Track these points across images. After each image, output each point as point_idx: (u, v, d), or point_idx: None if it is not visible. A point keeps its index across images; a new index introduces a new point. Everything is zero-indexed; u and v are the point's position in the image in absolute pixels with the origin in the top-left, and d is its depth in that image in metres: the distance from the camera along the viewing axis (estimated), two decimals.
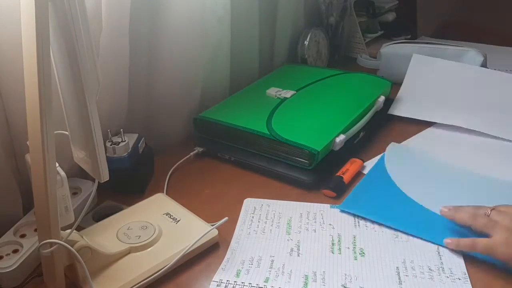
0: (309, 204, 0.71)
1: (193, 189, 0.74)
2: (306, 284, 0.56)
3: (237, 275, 0.58)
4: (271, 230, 0.66)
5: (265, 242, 0.64)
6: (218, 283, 0.56)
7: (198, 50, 0.83)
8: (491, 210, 0.59)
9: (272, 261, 0.60)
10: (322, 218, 0.67)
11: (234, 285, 0.56)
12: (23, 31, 0.43)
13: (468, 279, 0.56)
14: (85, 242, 0.54)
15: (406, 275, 0.57)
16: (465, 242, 0.59)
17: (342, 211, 0.68)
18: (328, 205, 0.70)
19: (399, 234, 0.64)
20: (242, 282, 0.56)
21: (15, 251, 0.57)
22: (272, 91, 0.89)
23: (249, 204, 0.71)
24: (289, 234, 0.65)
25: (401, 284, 0.56)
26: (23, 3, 0.42)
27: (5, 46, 0.57)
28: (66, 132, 0.55)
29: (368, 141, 0.86)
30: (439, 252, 0.60)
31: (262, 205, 0.71)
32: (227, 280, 0.57)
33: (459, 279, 0.56)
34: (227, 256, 0.61)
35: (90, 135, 0.48)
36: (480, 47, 1.06)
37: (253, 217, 0.68)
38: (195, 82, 0.86)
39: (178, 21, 0.77)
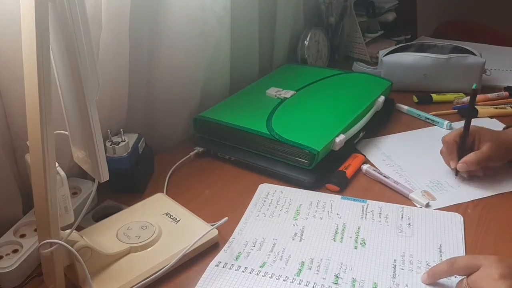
0: (321, 193, 0.72)
1: (193, 189, 0.74)
2: (300, 271, 0.57)
3: (237, 258, 0.59)
4: (279, 214, 0.67)
5: (272, 225, 0.65)
6: (216, 263, 0.58)
7: (198, 50, 0.83)
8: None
9: (274, 244, 0.62)
10: (331, 208, 0.69)
11: (231, 267, 0.58)
12: (23, 31, 0.43)
13: (465, 278, 0.56)
14: (85, 242, 0.54)
15: (402, 269, 0.57)
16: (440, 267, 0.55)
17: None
18: (340, 196, 0.71)
19: (404, 229, 0.64)
20: (239, 266, 0.58)
21: (15, 251, 0.57)
22: (272, 91, 0.89)
23: (264, 189, 0.73)
24: (296, 219, 0.66)
25: (395, 277, 0.56)
26: (23, 3, 0.42)
27: (5, 46, 0.57)
28: (66, 132, 0.55)
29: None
30: (440, 250, 0.60)
31: (275, 190, 0.73)
32: (226, 263, 0.58)
33: (455, 277, 0.56)
34: (232, 236, 0.63)
35: (90, 135, 0.48)
36: (480, 47, 1.06)
37: (264, 201, 0.70)
38: (195, 82, 0.86)
39: (178, 21, 0.77)
